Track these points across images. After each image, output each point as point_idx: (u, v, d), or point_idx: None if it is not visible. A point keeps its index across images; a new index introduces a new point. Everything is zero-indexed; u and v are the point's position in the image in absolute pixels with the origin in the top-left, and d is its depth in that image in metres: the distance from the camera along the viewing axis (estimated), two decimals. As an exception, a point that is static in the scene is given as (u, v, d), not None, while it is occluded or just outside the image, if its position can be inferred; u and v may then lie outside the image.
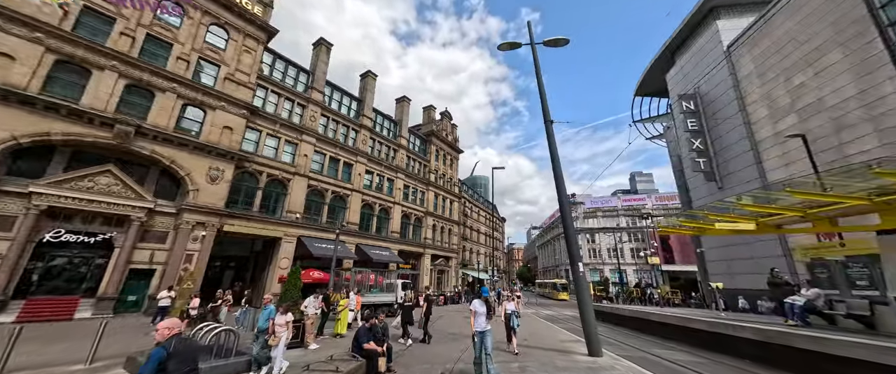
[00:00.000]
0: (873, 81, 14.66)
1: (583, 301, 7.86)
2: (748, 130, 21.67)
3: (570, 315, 23.86)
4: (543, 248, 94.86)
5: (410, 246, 32.02)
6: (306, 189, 23.14)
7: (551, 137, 9.20)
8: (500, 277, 57.97)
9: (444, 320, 16.71)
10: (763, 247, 20.72)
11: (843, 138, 15.83)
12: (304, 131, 23.50)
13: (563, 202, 8.62)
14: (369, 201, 28.39)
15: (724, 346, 8.24)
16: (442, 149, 40.36)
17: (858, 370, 5.68)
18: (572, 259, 8.30)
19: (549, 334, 11.76)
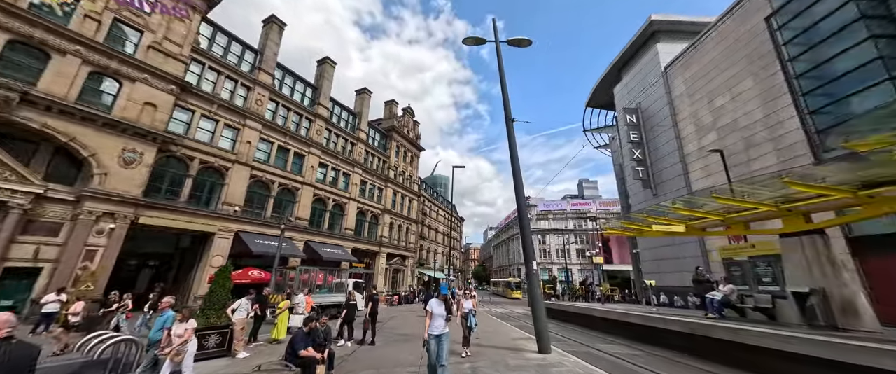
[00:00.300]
0: (775, 107, 17.20)
1: (535, 299, 7.92)
2: (678, 143, 24.28)
3: (520, 313, 24.69)
4: (498, 248, 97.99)
5: (365, 244, 30.76)
6: (248, 180, 20.94)
7: (512, 136, 9.20)
8: (456, 276, 58.52)
9: (397, 320, 16.16)
10: (686, 248, 23.35)
11: (751, 155, 18.36)
12: (249, 116, 21.27)
13: (520, 200, 8.65)
14: (322, 196, 26.67)
15: (656, 338, 8.95)
16: (403, 145, 39.51)
17: (764, 357, 6.42)
18: (527, 257, 8.35)
19: (502, 331, 11.86)
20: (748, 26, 19.10)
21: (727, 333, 6.95)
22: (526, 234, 8.47)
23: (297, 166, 24.95)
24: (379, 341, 10.28)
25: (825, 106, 14.62)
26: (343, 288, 17.18)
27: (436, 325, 5.28)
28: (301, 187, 24.61)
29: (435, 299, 5.49)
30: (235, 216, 19.73)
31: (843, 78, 13.76)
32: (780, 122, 16.90)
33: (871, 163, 6.24)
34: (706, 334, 7.40)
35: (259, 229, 20.90)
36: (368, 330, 9.74)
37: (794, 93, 16.32)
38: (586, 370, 6.09)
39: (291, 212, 23.84)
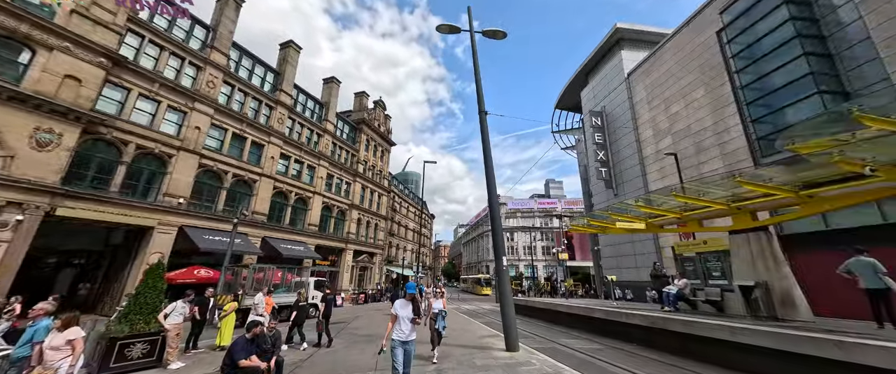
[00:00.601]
0: (722, 115, 18.65)
1: (504, 296, 7.74)
2: (638, 146, 25.71)
3: (488, 309, 24.88)
4: (468, 245, 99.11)
5: (331, 241, 29.35)
6: (196, 169, 18.95)
7: (484, 129, 8.95)
8: (426, 273, 58.14)
9: (362, 320, 15.45)
10: (643, 246, 24.83)
11: (701, 159, 19.81)
12: (198, 99, 19.22)
13: (491, 194, 8.43)
14: (283, 189, 24.96)
15: (619, 332, 9.23)
16: (373, 139, 38.22)
17: (715, 348, 6.75)
18: (497, 253, 8.15)
19: (469, 329, 11.67)
20: (701, 39, 20.53)
21: (683, 325, 7.25)
22: (496, 229, 8.27)
23: (254, 157, 23.09)
24: (340, 342, 9.63)
25: (764, 116, 16.06)
26: (303, 287, 16.10)
27: (402, 330, 4.64)
28: (259, 179, 22.81)
29: (401, 299, 4.83)
30: (180, 209, 17.76)
31: (780, 90, 15.16)
32: (727, 129, 18.35)
33: (810, 165, 6.73)
34: (664, 327, 7.69)
35: (208, 223, 19.02)
36: (322, 332, 9.07)
37: (738, 103, 17.79)
38: (555, 368, 5.98)
39: (247, 206, 22.03)
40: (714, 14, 19.62)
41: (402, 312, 4.68)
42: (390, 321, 4.73)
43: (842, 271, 6.80)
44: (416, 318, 4.72)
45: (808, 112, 13.95)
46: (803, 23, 14.48)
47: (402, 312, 4.68)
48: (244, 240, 20.76)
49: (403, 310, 4.69)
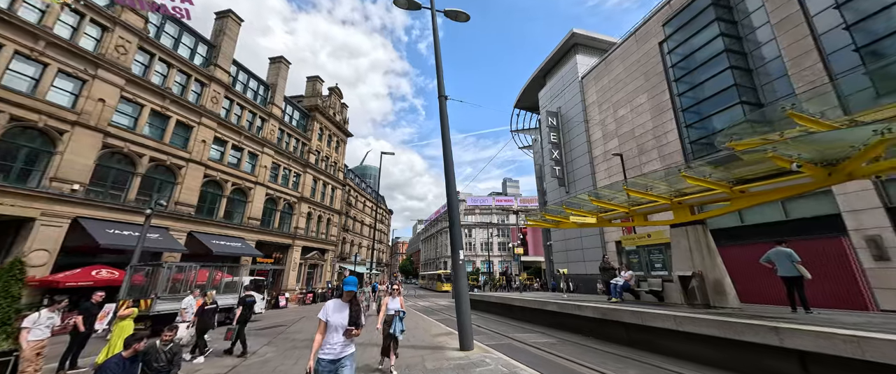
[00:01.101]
0: (662, 120, 20.28)
1: (460, 293, 7.26)
2: (589, 146, 27.19)
3: (444, 305, 24.59)
4: (427, 242, 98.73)
5: (275, 236, 26.76)
6: (98, 149, 15.78)
7: (444, 113, 8.34)
8: (382, 270, 56.45)
9: (305, 322, 14.07)
10: (589, 240, 26.36)
11: (643, 160, 21.40)
12: (102, 65, 15.97)
13: (450, 183, 7.87)
14: (217, 178, 22.04)
15: (572, 325, 9.34)
16: (327, 128, 35.72)
17: (662, 337, 6.98)
18: (454, 246, 7.63)
19: (423, 327, 11.08)
20: (646, 48, 22.14)
21: (633, 316, 7.42)
22: (454, 222, 7.74)
23: (180, 139, 20.00)
24: (272, 351, 8.44)
25: (696, 122, 17.70)
26: (235, 288, 14.18)
27: (331, 343, 3.27)
28: (185, 166, 19.81)
29: (334, 300, 3.49)
30: (74, 197, 14.62)
31: (710, 99, 16.79)
32: (665, 133, 20.01)
33: (742, 163, 7.20)
34: (615, 318, 7.85)
35: (114, 215, 15.98)
36: (234, 339, 7.87)
37: (675, 109, 19.45)
38: (510, 367, 5.62)
39: (169, 195, 19.03)
40: (657, 26, 21.22)
41: (332, 317, 3.30)
42: (318, 332, 3.34)
43: (763, 260, 7.43)
44: (352, 328, 3.28)
45: (730, 121, 15.58)
46: (731, 39, 16.13)
47: (334, 318, 3.30)
48: (164, 235, 17.89)
49: (336, 315, 3.31)
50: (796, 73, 13.69)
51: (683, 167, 7.29)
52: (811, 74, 13.12)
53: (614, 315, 7.86)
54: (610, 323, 8.04)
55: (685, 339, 6.17)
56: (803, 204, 12.94)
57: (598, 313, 8.39)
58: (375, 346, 8.34)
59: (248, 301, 8.40)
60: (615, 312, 7.85)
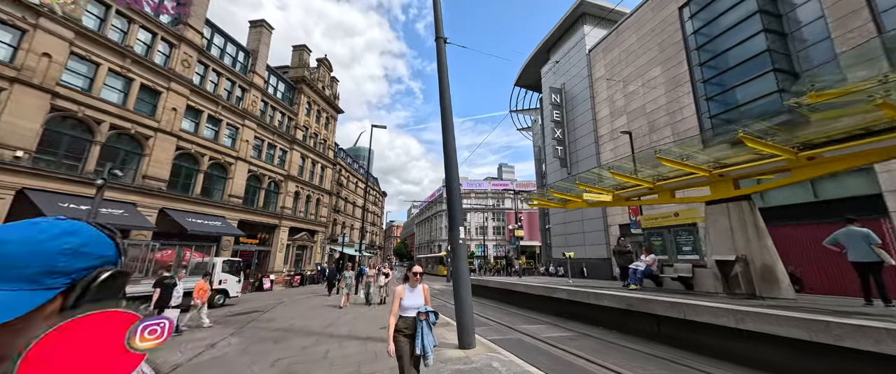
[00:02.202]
0: (677, 95, 18.69)
1: (459, 277, 5.87)
2: (594, 125, 25.60)
3: (439, 289, 23.53)
4: (421, 225, 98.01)
5: (260, 216, 25.15)
6: (45, 112, 13.81)
7: (442, 58, 6.66)
8: (375, 253, 55.48)
9: (285, 307, 12.73)
10: (591, 224, 25.25)
11: (654, 138, 19.93)
12: (44, 13, 13.72)
13: (448, 142, 6.30)
14: (192, 151, 20.14)
15: (585, 315, 8.11)
16: (316, 103, 33.47)
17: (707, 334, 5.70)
18: (453, 222, 6.16)
19: (414, 316, 9.78)
20: (663, 15, 20.21)
21: (671, 309, 6.11)
22: (453, 190, 6.23)
23: (147, 106, 17.95)
24: (237, 342, 7.08)
25: (717, 94, 16.14)
26: (205, 269, 12.67)
27: None
28: (154, 136, 17.86)
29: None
30: (19, 166, 12.79)
31: (735, 69, 15.18)
32: (680, 108, 18.46)
33: (812, 122, 5.72)
34: (645, 309, 6.57)
35: (69, 187, 14.21)
36: None
37: (693, 82, 17.83)
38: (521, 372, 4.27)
39: (136, 168, 17.20)
40: (678, -11, 19.24)
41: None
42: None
43: (828, 242, 6.12)
44: None
45: (757, 92, 14.06)
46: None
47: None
48: (130, 211, 16.18)
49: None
50: (840, 36, 12.09)
51: (740, 127, 5.82)
52: (859, 36, 11.53)
53: (643, 306, 6.58)
54: (636, 315, 6.78)
55: (744, 339, 4.90)
56: (834, 183, 11.69)
57: (621, 302, 7.11)
58: (353, 340, 7.00)
59: (167, 283, 7.12)
60: (645, 302, 6.56)
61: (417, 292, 3.69)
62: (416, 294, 3.68)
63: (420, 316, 3.48)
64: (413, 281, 3.76)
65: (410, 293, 3.67)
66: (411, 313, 3.56)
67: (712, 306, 5.29)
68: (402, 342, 3.47)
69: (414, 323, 3.52)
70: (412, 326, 3.52)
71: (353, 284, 10.29)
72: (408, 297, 3.65)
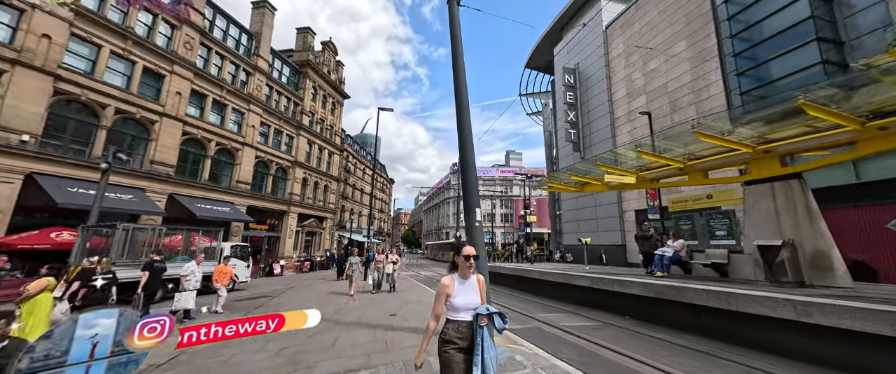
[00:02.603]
0: (703, 71, 17.45)
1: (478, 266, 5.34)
2: (610, 106, 24.41)
3: (448, 275, 23.34)
4: (429, 212, 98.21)
5: (268, 202, 25.08)
6: (49, 95, 13.58)
7: (455, 22, 5.96)
8: (383, 240, 55.75)
9: (296, 292, 12.56)
10: (604, 210, 24.47)
11: (675, 119, 18.81)
12: (40, -10, 13.26)
13: (462, 113, 5.69)
14: (198, 137, 19.90)
15: (605, 304, 7.59)
16: (322, 87, 32.81)
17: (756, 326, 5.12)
18: (468, 204, 5.62)
19: (426, 302, 9.42)
20: (691, -15, 18.68)
21: (712, 298, 5.49)
22: (469, 169, 5.66)
23: (151, 90, 17.64)
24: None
25: (750, 69, 14.92)
26: (211, 255, 12.53)
27: None
28: (159, 121, 17.60)
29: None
30: (25, 150, 12.67)
31: (771, 40, 13.92)
32: (707, 85, 17.25)
33: (884, 87, 4.89)
34: (679, 298, 6.01)
35: (77, 172, 14.11)
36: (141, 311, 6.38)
37: (721, 56, 16.55)
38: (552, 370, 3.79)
39: (143, 153, 17.06)
40: (708, -46, 17.65)
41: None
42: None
43: (893, 225, 5.39)
44: None
45: (797, 64, 12.87)
46: (811, -41, 12.92)
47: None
48: (139, 196, 16.12)
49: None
50: (898, -2, 10.78)
51: (800, 93, 5.03)
52: (921, -3, 10.25)
53: (678, 295, 6.00)
54: (669, 304, 6.22)
55: (802, 332, 4.30)
56: (876, 165, 10.68)
57: (651, 291, 6.55)
58: (363, 328, 6.67)
59: (156, 267, 6.83)
60: (680, 291, 5.98)
61: (471, 286, 2.63)
62: (469, 289, 2.61)
63: (480, 320, 2.47)
64: (464, 270, 2.67)
65: (462, 287, 2.61)
66: (465, 315, 2.53)
67: (768, 297, 4.68)
68: (455, 359, 2.44)
69: (469, 330, 2.50)
70: (468, 334, 2.49)
71: (360, 270, 9.91)
72: (459, 292, 2.58)
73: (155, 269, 6.89)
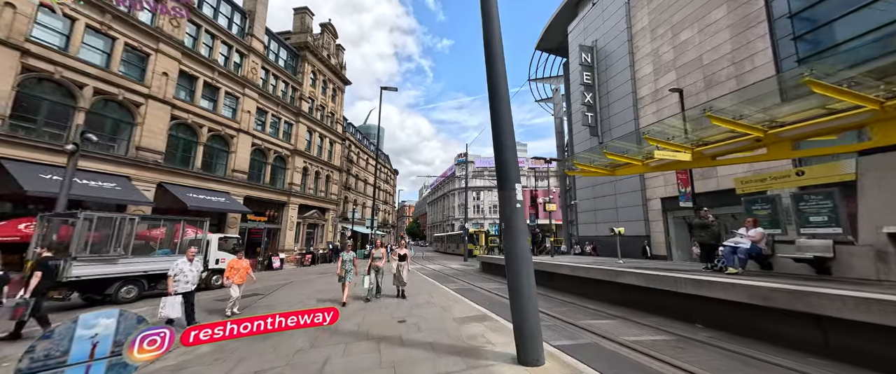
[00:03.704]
0: (747, 39, 15.45)
1: (516, 258, 3.85)
2: (633, 85, 22.41)
3: (457, 269, 21.92)
4: (433, 205, 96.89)
5: (267, 192, 23.78)
6: (16, 72, 12.19)
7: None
8: (387, 232, 54.59)
9: (292, 289, 11.19)
10: (625, 198, 22.72)
11: (711, 95, 16.85)
12: (-3, -50, 11.74)
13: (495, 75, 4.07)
14: (189, 122, 18.48)
15: (666, 308, 6.02)
16: (321, 72, 31.11)
17: None
18: (504, 176, 4.05)
19: (438, 303, 7.94)
20: (732, -58, 16.49)
21: (862, 308, 3.82)
22: (503, 126, 4.08)
23: (136, 70, 16.20)
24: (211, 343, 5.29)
25: (808, 32, 12.92)
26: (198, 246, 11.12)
27: None
28: (145, 103, 16.18)
29: None
30: (-13, 134, 11.34)
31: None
32: (751, 55, 15.26)
33: None
34: (796, 307, 4.39)
35: (51, 157, 12.78)
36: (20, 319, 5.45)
37: (770, 20, 14.53)
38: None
39: (128, 138, 15.71)
40: None
41: None
42: None
43: None
44: None
45: (874, 22, 10.87)
46: None
47: None
48: (124, 184, 14.81)
49: None
50: None
51: None
52: None
53: (793, 301, 4.35)
54: (775, 314, 4.61)
55: None
56: None
57: (743, 294, 4.90)
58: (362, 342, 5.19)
59: (50, 265, 5.53)
60: (797, 296, 4.32)
61: None
62: None
63: None
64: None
65: None
66: None
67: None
68: None
69: None
70: None
71: (355, 270, 8.20)
72: None
73: (48, 268, 5.60)
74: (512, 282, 3.99)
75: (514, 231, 4.05)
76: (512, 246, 4.05)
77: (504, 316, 6.37)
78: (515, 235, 4.06)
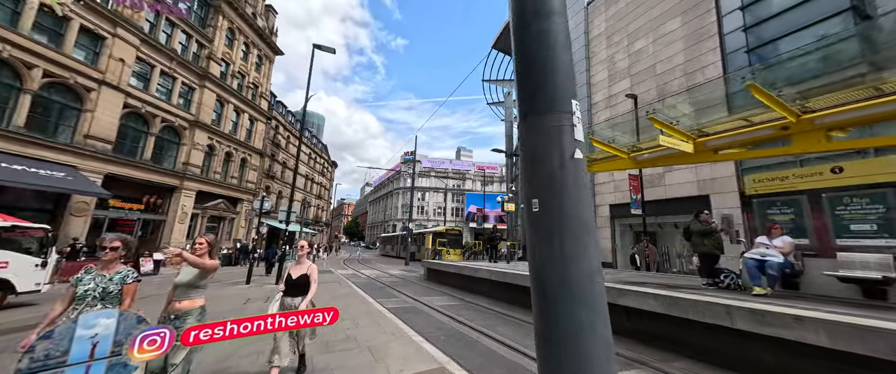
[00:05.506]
0: (698, 51, 15.74)
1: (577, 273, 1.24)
2: (588, 90, 22.25)
3: (397, 275, 18.87)
4: (375, 203, 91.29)
5: (146, 172, 17.81)
6: None
7: None
8: (320, 230, 48.60)
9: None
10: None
11: (665, 104, 16.97)
12: None
13: None
14: (5, 55, 12.32)
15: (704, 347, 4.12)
16: (242, 31, 25.36)
17: None
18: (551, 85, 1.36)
19: (369, 342, 5.06)
20: (689, -44, 16.89)
21: None
22: None
23: None
24: None
25: (759, 46, 13.28)
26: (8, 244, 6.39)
27: None
28: None
29: None
30: None
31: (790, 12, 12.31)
32: (702, 68, 15.55)
33: None
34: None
35: None
36: None
37: (721, 34, 14.91)
38: None
39: None
40: (712, -80, 15.87)
41: None
42: None
43: None
44: None
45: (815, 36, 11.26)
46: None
47: None
48: None
49: None
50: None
51: None
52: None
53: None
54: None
55: None
56: None
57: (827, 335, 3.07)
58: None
59: None
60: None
61: None
62: None
63: None
64: None
65: None
66: None
67: None
68: None
69: None
70: None
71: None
72: None
73: None
74: (537, 329, 1.43)
75: (567, 216, 1.50)
76: (569, 247, 1.49)
77: (475, 365, 3.85)
78: (572, 222, 1.51)
